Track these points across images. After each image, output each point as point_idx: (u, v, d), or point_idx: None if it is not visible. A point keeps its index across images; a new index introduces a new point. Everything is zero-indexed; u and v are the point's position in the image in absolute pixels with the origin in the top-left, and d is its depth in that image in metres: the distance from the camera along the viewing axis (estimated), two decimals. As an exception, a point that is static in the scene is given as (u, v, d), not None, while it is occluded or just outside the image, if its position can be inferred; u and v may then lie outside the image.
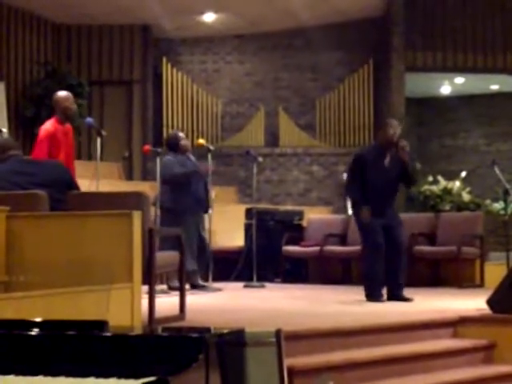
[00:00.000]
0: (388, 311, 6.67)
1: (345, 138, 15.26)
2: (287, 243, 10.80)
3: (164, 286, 8.80)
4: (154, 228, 5.81)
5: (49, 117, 8.23)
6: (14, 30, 14.01)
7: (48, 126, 7.80)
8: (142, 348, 2.52)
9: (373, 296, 7.53)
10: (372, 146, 8.49)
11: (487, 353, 5.92)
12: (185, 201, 8.76)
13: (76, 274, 4.98)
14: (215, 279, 9.21)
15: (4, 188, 5.87)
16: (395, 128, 7.81)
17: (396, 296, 7.60)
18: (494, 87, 17.99)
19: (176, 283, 7.79)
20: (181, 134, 9.30)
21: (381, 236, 7.63)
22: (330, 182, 14.80)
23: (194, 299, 7.52)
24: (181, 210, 8.69)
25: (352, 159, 8.05)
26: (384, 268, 7.66)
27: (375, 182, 7.66)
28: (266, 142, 15.35)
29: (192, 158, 9.10)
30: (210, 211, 8.88)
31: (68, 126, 7.94)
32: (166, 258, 6.13)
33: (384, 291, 7.66)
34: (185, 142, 9.09)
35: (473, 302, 6.91)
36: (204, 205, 8.88)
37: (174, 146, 9.05)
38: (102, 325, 2.68)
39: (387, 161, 7.76)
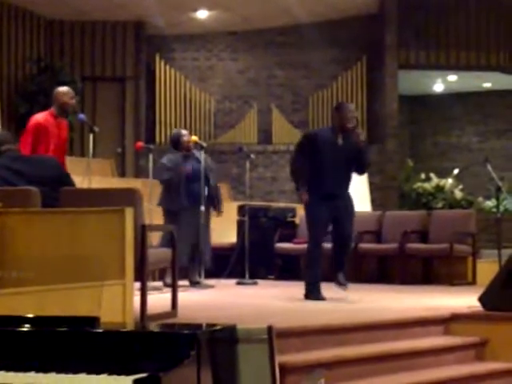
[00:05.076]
0: (380, 308, 6.67)
1: (338, 136, 15.25)
2: (280, 240, 10.80)
3: (157, 283, 8.80)
4: (146, 225, 5.80)
5: (38, 113, 8.22)
6: (7, 26, 13.98)
7: (39, 116, 7.79)
8: (134, 344, 2.52)
9: (312, 294, 7.42)
10: (326, 128, 8.29)
11: (479, 350, 5.94)
12: (181, 200, 8.80)
13: (68, 271, 4.98)
14: (208, 276, 9.22)
15: (-5, 184, 5.86)
16: (352, 112, 7.59)
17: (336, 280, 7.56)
18: (487, 85, 18.02)
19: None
20: (184, 132, 9.30)
21: (324, 232, 7.56)
22: (322, 180, 14.81)
23: (186, 296, 7.52)
24: (177, 209, 8.75)
25: (302, 137, 7.83)
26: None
27: (327, 163, 7.43)
28: (259, 139, 15.36)
29: (198, 154, 9.03)
30: (203, 208, 8.85)
31: (64, 121, 7.92)
32: (158, 254, 6.13)
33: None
34: (187, 139, 9.09)
35: (465, 300, 6.91)
36: (200, 201, 8.84)
37: (175, 143, 9.10)
38: (93, 321, 2.68)
39: (340, 142, 7.52)
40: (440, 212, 11.45)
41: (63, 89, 7.97)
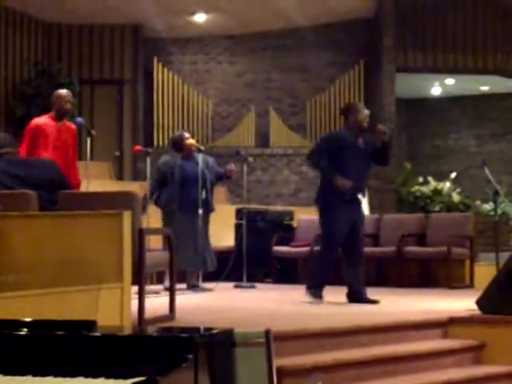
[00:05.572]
0: (377, 312, 6.67)
1: (335, 139, 15.25)
2: (277, 243, 10.80)
3: (155, 286, 8.79)
4: (144, 228, 5.80)
5: (39, 116, 8.23)
6: (5, 29, 13.98)
7: (38, 118, 7.83)
8: (131, 348, 2.52)
9: (314, 290, 7.40)
10: (342, 130, 8.07)
11: (477, 353, 5.94)
12: (178, 201, 8.81)
13: (66, 274, 4.97)
14: (205, 279, 9.21)
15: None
16: (365, 112, 7.47)
17: (362, 298, 7.42)
18: (485, 88, 18.04)
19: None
20: (186, 134, 9.33)
21: (342, 239, 7.42)
22: (320, 183, 14.80)
23: (183, 299, 7.52)
24: (174, 210, 8.76)
25: (322, 138, 7.68)
26: (345, 268, 7.55)
27: (350, 165, 7.32)
28: (257, 142, 15.36)
29: (197, 157, 9.03)
30: (200, 211, 8.85)
31: (67, 124, 7.91)
32: (156, 257, 6.13)
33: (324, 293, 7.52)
34: (189, 142, 9.12)
35: (462, 303, 6.92)
36: (199, 205, 8.84)
37: (177, 145, 9.13)
38: (90, 325, 2.68)
39: (361, 144, 7.44)
40: (438, 215, 11.46)
41: (60, 92, 7.96)
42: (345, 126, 7.72)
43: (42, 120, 7.77)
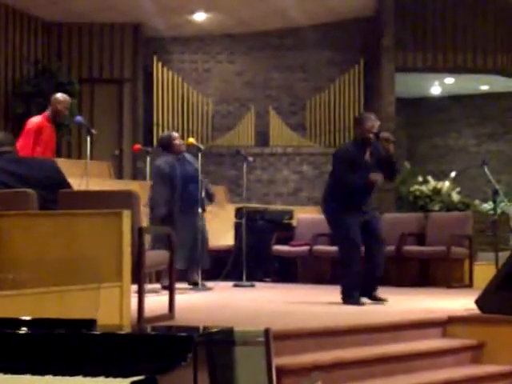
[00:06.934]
0: (377, 311, 6.68)
1: (335, 138, 15.28)
2: (277, 243, 10.80)
3: (154, 285, 8.79)
4: (143, 227, 5.80)
5: (39, 114, 8.23)
6: (5, 27, 13.98)
7: (38, 119, 7.84)
8: (131, 347, 2.52)
9: (351, 299, 7.24)
10: (350, 144, 7.97)
11: (476, 353, 5.94)
12: (178, 202, 8.77)
13: (65, 273, 4.98)
14: (205, 278, 9.21)
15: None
16: (373, 121, 7.39)
17: (371, 296, 7.39)
18: (484, 87, 18.04)
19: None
20: (175, 134, 9.24)
21: (359, 235, 7.30)
22: (319, 182, 14.80)
23: (183, 298, 7.52)
24: (174, 211, 8.71)
25: (337, 155, 7.55)
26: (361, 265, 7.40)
27: (359, 183, 7.29)
28: (257, 141, 15.36)
29: (188, 157, 9.06)
30: (200, 210, 8.86)
31: (52, 125, 8.00)
32: (155, 257, 6.13)
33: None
34: (179, 142, 9.04)
35: (462, 302, 6.92)
36: (199, 204, 8.84)
37: (167, 146, 9.00)
38: (90, 323, 2.68)
39: (367, 156, 7.39)
40: (437, 215, 11.46)
41: (60, 97, 7.99)
42: (354, 135, 7.72)
43: (41, 121, 7.80)
